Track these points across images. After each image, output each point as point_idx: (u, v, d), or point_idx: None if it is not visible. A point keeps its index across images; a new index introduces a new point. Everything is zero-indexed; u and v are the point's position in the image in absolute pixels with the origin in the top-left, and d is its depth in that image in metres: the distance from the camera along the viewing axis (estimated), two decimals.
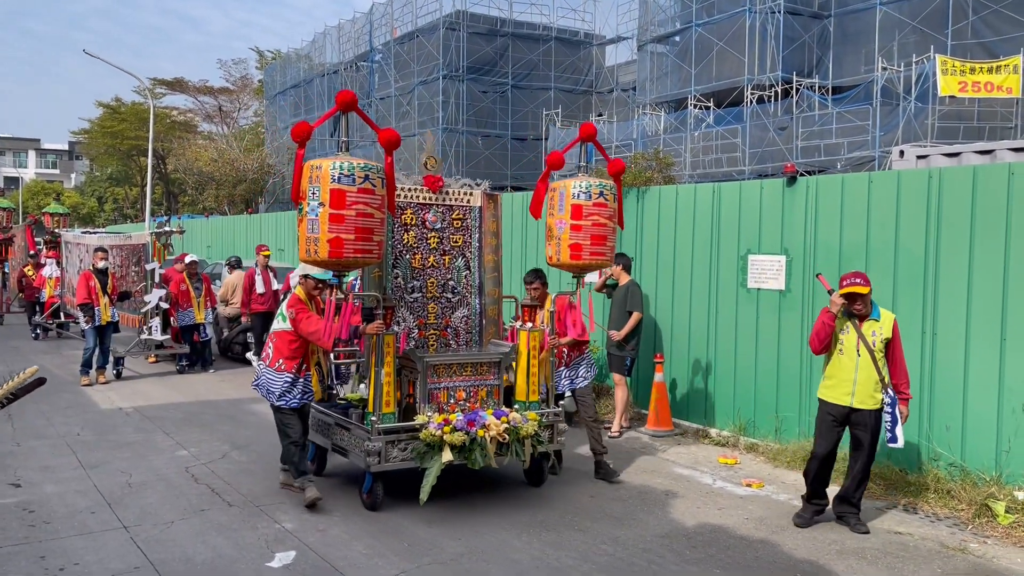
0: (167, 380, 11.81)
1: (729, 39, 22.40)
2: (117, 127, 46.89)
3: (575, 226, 6.27)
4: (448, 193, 6.84)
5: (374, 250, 5.49)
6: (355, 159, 5.40)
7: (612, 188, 6.40)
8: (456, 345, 6.81)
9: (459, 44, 29.00)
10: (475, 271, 6.93)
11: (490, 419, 6.07)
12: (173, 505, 6.19)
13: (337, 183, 5.30)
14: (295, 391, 6.30)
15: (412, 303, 6.65)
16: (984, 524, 5.89)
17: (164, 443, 8.07)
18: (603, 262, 6.45)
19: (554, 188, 6.46)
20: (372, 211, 5.42)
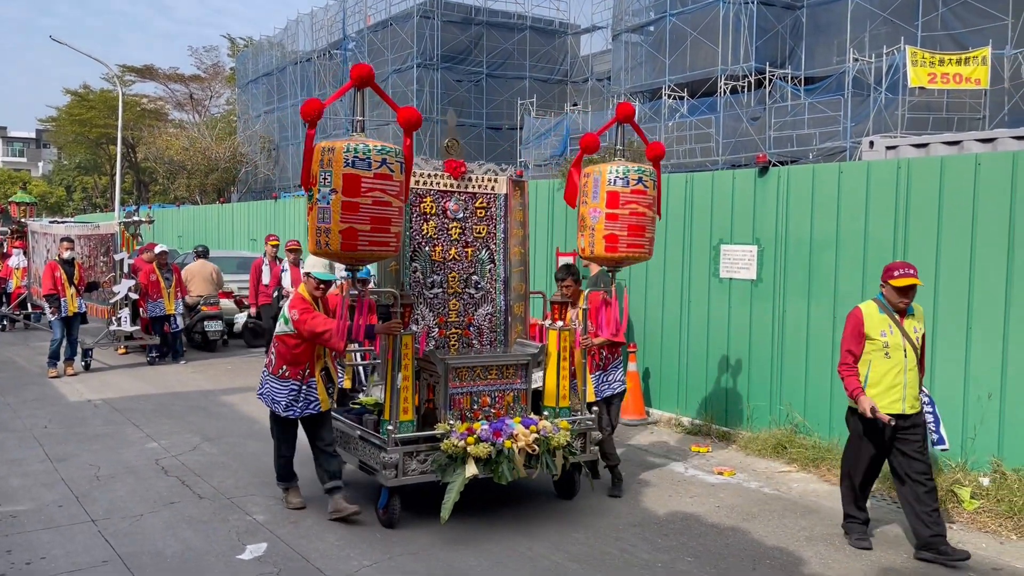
0: (137, 372, 11.67)
1: (703, 29, 22.47)
2: (85, 115, 46.12)
3: (611, 215, 5.77)
4: (471, 179, 6.26)
5: (391, 242, 5.00)
6: (371, 141, 4.91)
7: (652, 174, 5.90)
8: (479, 345, 6.28)
9: (433, 32, 28.85)
10: (500, 264, 6.37)
11: (518, 428, 5.56)
12: (142, 498, 6.13)
13: (351, 167, 4.79)
14: (300, 401, 5.75)
15: (432, 299, 6.12)
16: (950, 510, 5.99)
17: (134, 435, 7.98)
18: (641, 255, 5.96)
19: (587, 174, 5.93)
20: (390, 199, 4.91)
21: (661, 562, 5.12)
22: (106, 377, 11.22)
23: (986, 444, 6.32)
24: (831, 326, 7.34)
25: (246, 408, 9.28)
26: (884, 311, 5.26)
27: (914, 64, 16.87)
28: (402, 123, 5.03)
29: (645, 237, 5.89)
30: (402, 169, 5.02)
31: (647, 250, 5.96)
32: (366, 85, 5.07)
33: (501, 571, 4.94)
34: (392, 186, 4.94)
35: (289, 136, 35.41)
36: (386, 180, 4.90)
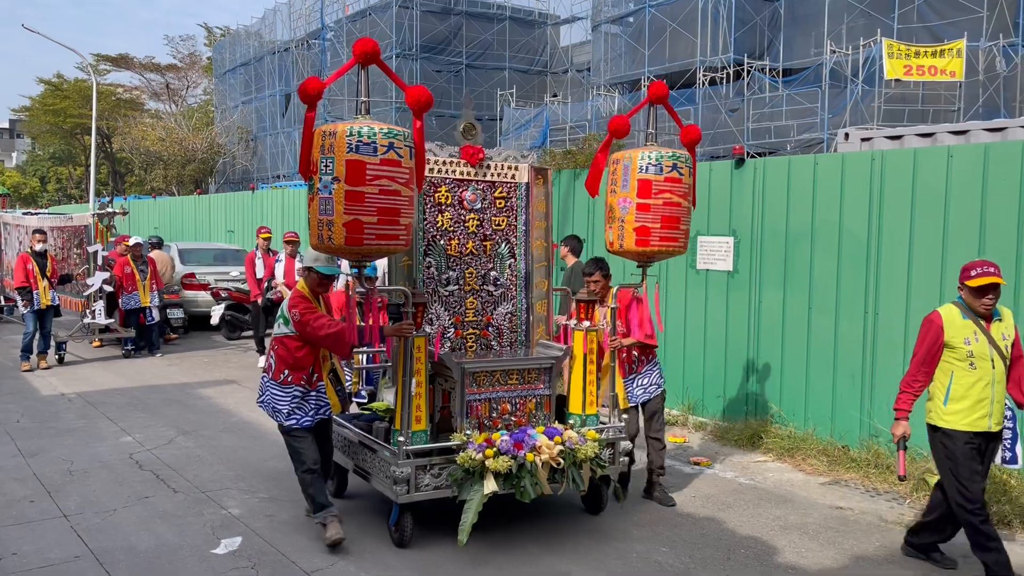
0: (112, 365, 11.55)
1: (682, 21, 22.51)
2: (59, 104, 45.47)
3: (642, 206, 5.33)
4: (490, 167, 5.79)
5: (401, 235, 4.56)
6: (377, 123, 4.48)
7: (687, 160, 5.46)
8: (499, 347, 5.80)
9: (412, 22, 28.69)
10: (521, 259, 5.90)
11: (541, 439, 5.13)
12: (116, 493, 6.07)
13: (355, 152, 4.36)
14: (307, 407, 5.20)
15: (447, 297, 5.65)
16: (921, 498, 6.06)
17: (107, 429, 7.90)
18: (675, 249, 5.49)
19: (616, 160, 5.49)
20: (398, 187, 4.47)
21: (636, 552, 5.15)
22: (80, 370, 11.10)
23: None
24: (806, 316, 7.39)
25: (222, 401, 9.21)
26: (967, 316, 4.64)
27: (890, 56, 17.00)
28: (411, 104, 4.57)
29: (680, 229, 5.45)
30: (412, 155, 4.58)
31: (682, 243, 5.51)
32: (371, 62, 4.57)
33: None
34: (401, 173, 4.50)
35: (267, 127, 35.13)
36: (394, 167, 4.46)
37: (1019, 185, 6.05)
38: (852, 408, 7.06)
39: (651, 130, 5.68)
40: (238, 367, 11.48)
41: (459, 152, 5.68)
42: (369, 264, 4.80)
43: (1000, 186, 6.16)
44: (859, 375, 6.99)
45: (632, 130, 16.38)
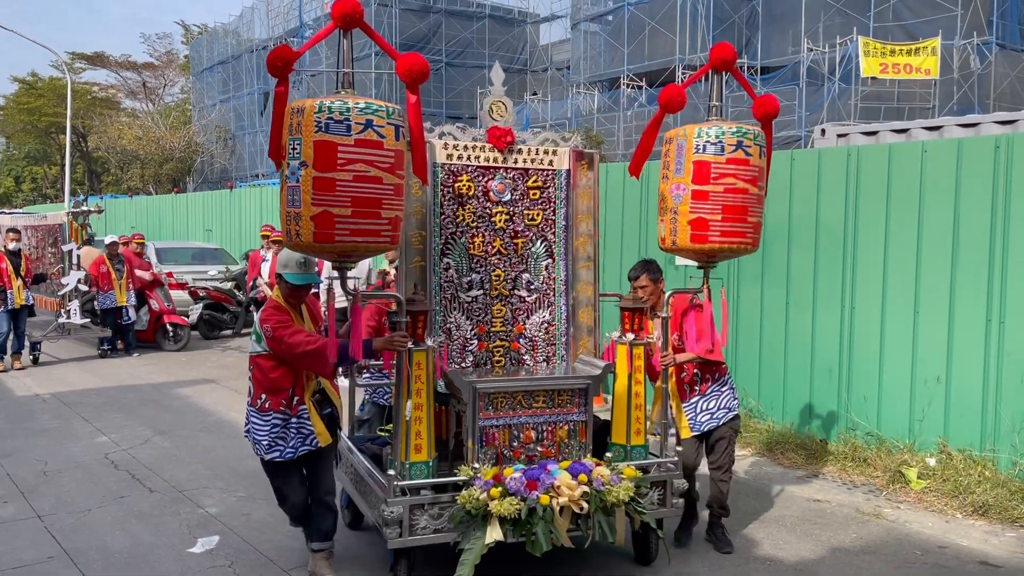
0: (87, 365, 11.43)
1: (661, 19, 22.61)
2: (34, 103, 44.97)
3: (698, 193, 4.40)
4: (522, 151, 4.96)
5: (383, 230, 3.83)
6: (353, 97, 3.79)
7: (759, 137, 4.49)
8: (533, 362, 5.00)
9: (392, 20, 28.61)
10: (560, 259, 5.04)
11: (561, 477, 4.26)
12: (91, 493, 6.00)
13: (324, 132, 3.67)
14: (289, 437, 4.43)
15: (470, 304, 4.87)
16: (898, 490, 6.11)
17: (83, 429, 7.82)
18: (742, 246, 4.51)
19: (669, 139, 4.59)
20: (379, 173, 3.75)
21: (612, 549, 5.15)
22: (55, 371, 10.96)
23: (933, 426, 6.45)
24: (783, 311, 7.44)
25: (199, 401, 9.14)
26: None
27: (866, 55, 17.17)
28: (402, 74, 3.86)
29: (747, 221, 4.46)
30: (400, 134, 3.86)
31: (750, 239, 4.53)
32: (352, 26, 3.92)
33: None
34: (383, 156, 3.77)
35: (245, 125, 34.91)
36: (373, 148, 3.74)
37: (992, 179, 6.12)
38: (830, 402, 7.11)
39: (715, 102, 4.70)
40: (216, 366, 11.39)
41: (484, 135, 4.88)
42: (352, 265, 4.09)
43: (973, 180, 6.22)
44: (836, 369, 7.04)
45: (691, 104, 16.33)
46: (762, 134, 4.54)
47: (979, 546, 5.21)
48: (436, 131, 4.69)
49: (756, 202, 4.51)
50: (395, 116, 3.83)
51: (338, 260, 4.01)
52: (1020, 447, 5.95)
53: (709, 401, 5.18)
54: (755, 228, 4.55)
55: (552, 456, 4.57)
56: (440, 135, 4.75)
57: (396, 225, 3.92)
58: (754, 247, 4.62)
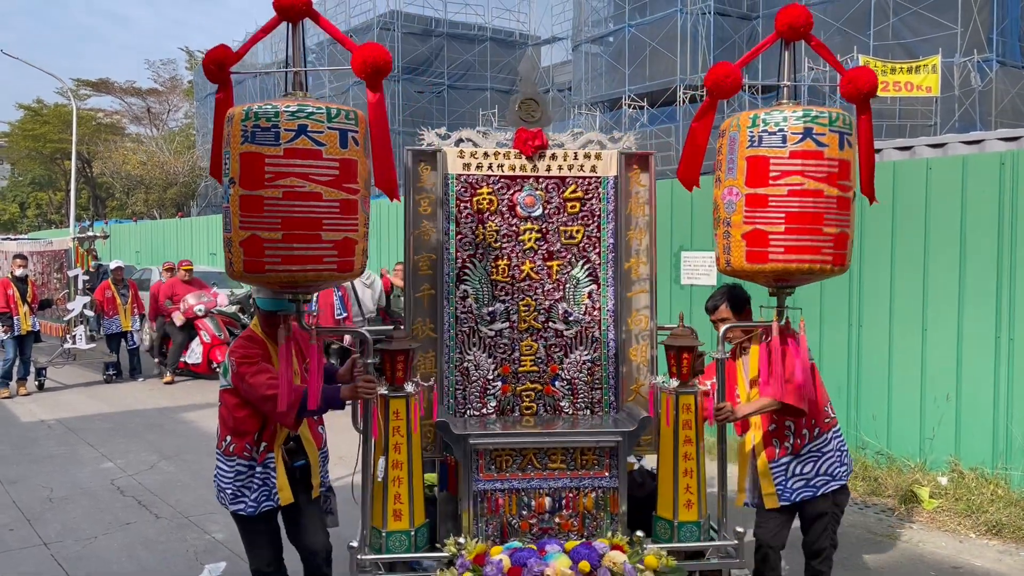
0: (92, 390, 11.41)
1: (661, 40, 22.75)
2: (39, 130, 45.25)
3: (754, 197, 3.47)
4: (556, 157, 4.19)
5: (328, 256, 3.21)
6: (286, 100, 3.24)
7: (838, 122, 3.47)
8: (573, 408, 4.20)
9: (394, 44, 28.82)
10: (608, 286, 4.23)
11: (556, 564, 3.43)
12: (97, 519, 5.97)
13: (251, 142, 3.13)
14: (254, 488, 3.81)
15: (493, 339, 4.17)
16: (910, 510, 6.06)
17: (88, 455, 7.79)
18: (819, 265, 3.48)
19: (722, 132, 3.71)
20: (317, 188, 3.15)
21: None
22: (60, 396, 10.95)
23: (944, 444, 6.40)
24: None
25: (204, 425, 9.11)
26: None
27: None
28: (357, 68, 3.26)
29: (823, 233, 3.45)
30: (347, 139, 3.22)
31: (829, 255, 3.49)
32: (299, 16, 3.36)
33: None
34: (322, 168, 3.17)
35: None
36: (308, 159, 3.15)
37: (998, 196, 6.11)
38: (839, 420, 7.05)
39: (786, 82, 3.68)
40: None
41: (510, 140, 4.22)
42: (309, 298, 3.57)
43: (979, 197, 6.21)
44: (844, 387, 7.00)
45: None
46: (845, 117, 3.50)
47: (993, 566, 5.15)
48: (453, 136, 4.21)
49: (836, 207, 3.46)
50: (340, 119, 3.22)
51: (295, 291, 3.46)
52: None
53: (804, 463, 4.00)
54: (836, 241, 3.49)
55: (575, 530, 3.81)
56: (457, 142, 4.20)
57: (347, 249, 3.26)
58: (838, 266, 3.54)
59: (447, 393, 4.16)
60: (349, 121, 3.25)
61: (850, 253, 3.60)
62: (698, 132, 3.85)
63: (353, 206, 3.26)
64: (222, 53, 3.36)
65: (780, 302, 3.84)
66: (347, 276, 3.36)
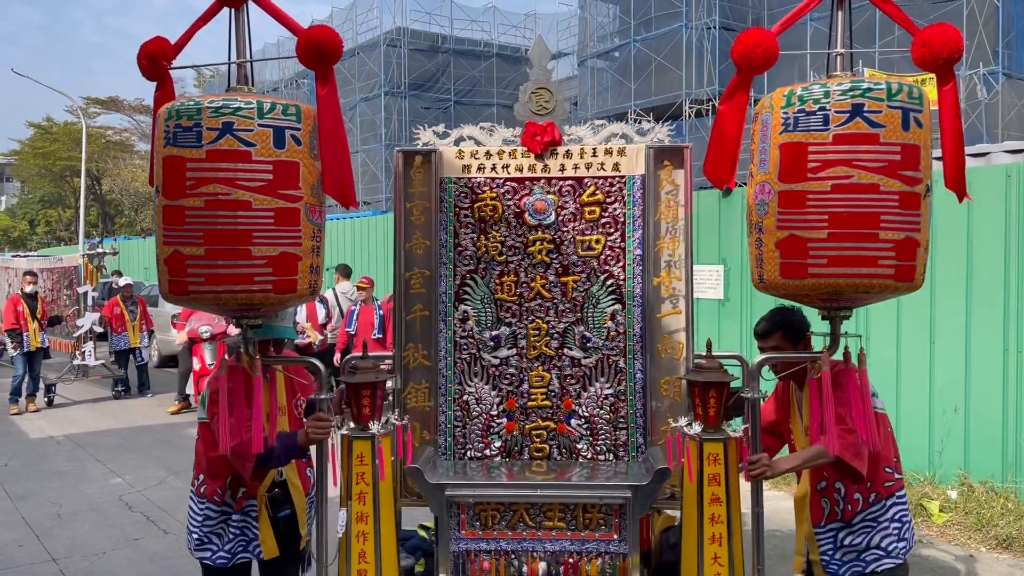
0: (101, 406, 11.44)
1: (667, 55, 22.83)
2: (49, 147, 45.61)
3: (789, 196, 2.75)
4: (571, 154, 3.64)
5: (261, 275, 2.74)
6: (215, 96, 2.78)
7: (908, 97, 2.74)
8: (592, 451, 3.63)
9: (400, 60, 29.00)
10: (634, 304, 3.62)
11: None
12: (105, 535, 5.98)
13: (172, 144, 2.73)
14: (227, 537, 3.39)
15: (497, 368, 3.66)
16: (919, 523, 6.02)
17: (96, 471, 7.81)
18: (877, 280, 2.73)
19: (755, 115, 2.99)
20: (245, 195, 2.70)
21: None
22: (69, 413, 10.98)
23: (953, 457, 6.38)
24: None
25: None
26: None
27: None
28: (302, 54, 2.78)
29: (879, 239, 2.70)
30: (284, 138, 2.75)
31: (891, 268, 2.73)
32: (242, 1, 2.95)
33: None
34: (252, 173, 2.71)
35: None
36: (235, 161, 2.70)
37: (1004, 208, 6.11)
38: None
39: (839, 50, 2.99)
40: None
41: (518, 137, 3.70)
42: (258, 323, 3.05)
43: (986, 209, 6.21)
44: None
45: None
46: (910, 89, 2.74)
47: None
48: (453, 135, 3.75)
49: (898, 206, 2.68)
50: (274, 115, 2.75)
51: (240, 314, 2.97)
52: None
53: (856, 534, 3.26)
54: (899, 249, 2.71)
55: None
56: (457, 140, 3.73)
57: (285, 266, 2.77)
58: (904, 281, 2.76)
59: (443, 431, 3.64)
60: (287, 117, 2.77)
61: (923, 264, 2.79)
62: (725, 117, 3.09)
63: (293, 216, 2.78)
64: (156, 46, 2.93)
65: (833, 328, 3.07)
66: (290, 298, 2.86)
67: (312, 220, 2.85)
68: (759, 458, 3.11)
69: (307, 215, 2.83)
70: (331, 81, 2.84)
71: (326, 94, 2.84)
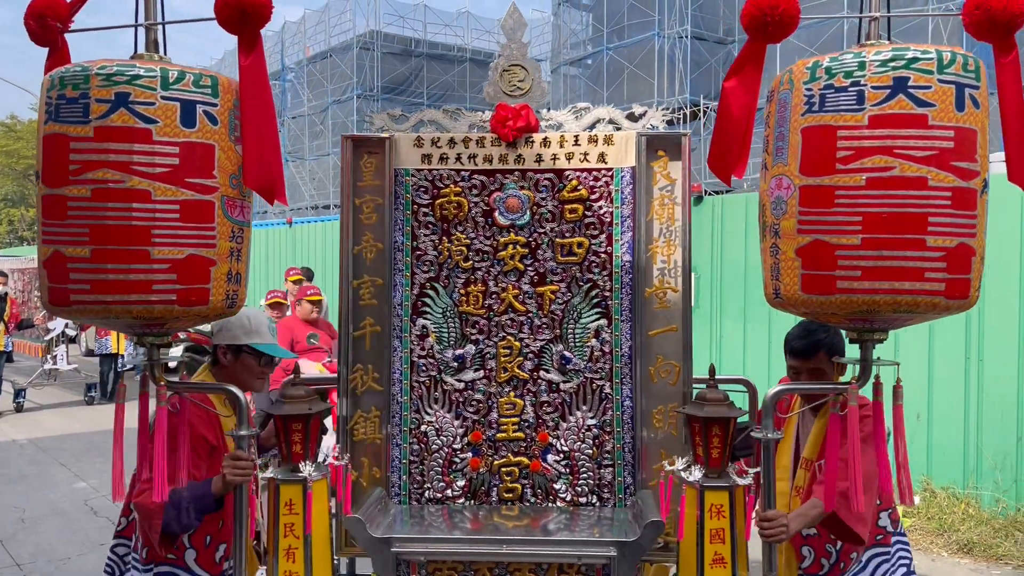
0: (70, 411, 11.28)
1: (639, 63, 23.04)
2: (12, 145, 44.88)
3: (813, 191, 2.21)
4: (549, 142, 3.10)
5: (161, 282, 2.23)
6: (108, 60, 2.26)
7: (963, 69, 2.14)
8: (572, 493, 3.09)
9: (373, 64, 28.93)
10: (623, 320, 3.10)
11: None
12: (70, 540, 5.91)
13: (54, 119, 2.23)
14: None
15: (461, 393, 3.11)
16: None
17: (61, 475, 7.70)
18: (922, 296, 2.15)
19: (770, 94, 2.45)
20: (143, 184, 2.20)
21: None
22: (36, 417, 10.81)
23: (916, 464, 6.50)
24: (767, 349, 7.51)
25: None
26: None
27: None
28: (218, 9, 2.31)
29: (927, 246, 2.15)
30: (195, 115, 2.25)
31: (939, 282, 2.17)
32: None
33: None
34: (152, 156, 2.20)
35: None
36: (130, 141, 2.19)
37: None
38: None
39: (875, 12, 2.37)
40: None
41: (487, 121, 3.12)
42: (171, 342, 2.52)
43: None
44: None
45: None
46: (966, 60, 2.16)
47: None
48: (411, 119, 3.23)
49: (951, 205, 2.15)
50: (183, 85, 2.25)
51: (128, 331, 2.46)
52: (1003, 484, 6.01)
53: None
54: (951, 259, 2.17)
55: None
56: (416, 125, 3.20)
57: (194, 272, 2.26)
58: (955, 299, 2.20)
59: (396, 468, 3.10)
60: (199, 90, 2.27)
61: (979, 277, 2.23)
62: (732, 95, 2.54)
63: (205, 211, 2.28)
64: (46, 3, 2.42)
65: (864, 353, 2.52)
66: (200, 312, 2.31)
67: (231, 217, 2.35)
68: (777, 515, 2.58)
69: (224, 210, 2.32)
70: (257, 48, 2.37)
71: (250, 64, 2.35)
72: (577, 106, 3.18)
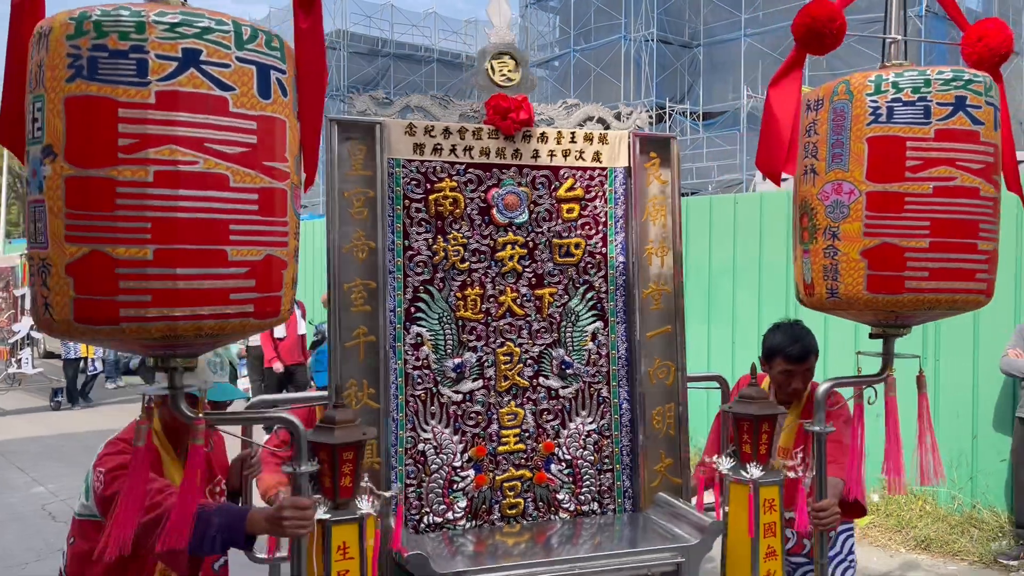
0: (32, 416, 11.03)
1: (606, 65, 23.19)
2: None
3: (882, 197, 2.38)
4: (545, 138, 2.97)
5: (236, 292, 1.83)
6: (163, 4, 1.80)
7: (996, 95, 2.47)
8: (574, 502, 2.96)
9: (340, 63, 28.77)
10: (618, 322, 3.04)
11: None
12: (28, 546, 5.80)
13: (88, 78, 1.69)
14: None
15: (459, 406, 2.86)
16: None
17: (18, 480, 7.56)
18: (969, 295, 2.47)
19: (814, 102, 2.56)
20: (221, 167, 1.78)
21: None
22: None
23: (875, 462, 6.61)
24: (730, 350, 7.60)
25: None
26: None
27: None
28: None
29: (979, 250, 2.43)
30: (269, 84, 1.87)
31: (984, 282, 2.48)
32: None
33: None
34: (228, 132, 1.79)
35: None
36: (205, 113, 1.77)
37: None
38: None
39: (894, 35, 2.66)
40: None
41: (482, 109, 2.94)
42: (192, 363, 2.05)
43: None
44: None
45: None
46: (994, 87, 2.46)
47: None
48: (397, 104, 2.92)
49: (991, 212, 2.44)
50: (257, 45, 1.84)
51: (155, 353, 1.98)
52: (958, 482, 6.14)
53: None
54: (991, 262, 2.47)
55: None
56: (403, 111, 2.90)
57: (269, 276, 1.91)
58: (989, 297, 2.52)
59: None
60: (272, 52, 1.87)
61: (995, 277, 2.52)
62: (778, 101, 2.69)
63: (279, 202, 1.90)
64: None
65: (887, 347, 2.82)
66: (268, 324, 1.99)
67: (296, 210, 2.00)
68: (830, 504, 2.76)
69: (292, 202, 1.96)
70: (316, 8, 1.99)
71: (310, 27, 1.98)
72: (567, 101, 3.13)
